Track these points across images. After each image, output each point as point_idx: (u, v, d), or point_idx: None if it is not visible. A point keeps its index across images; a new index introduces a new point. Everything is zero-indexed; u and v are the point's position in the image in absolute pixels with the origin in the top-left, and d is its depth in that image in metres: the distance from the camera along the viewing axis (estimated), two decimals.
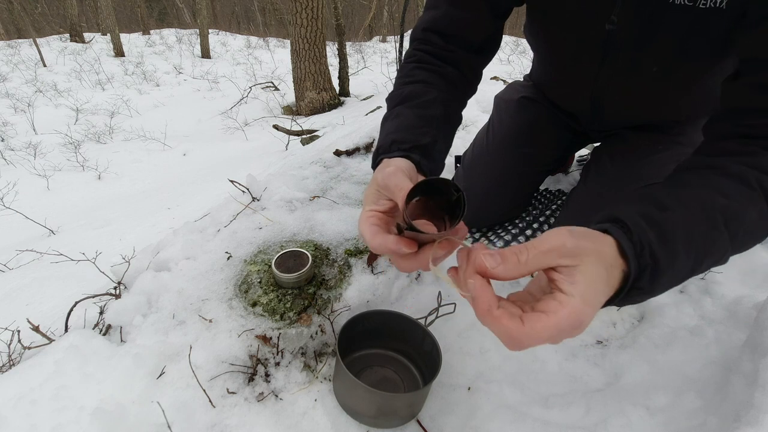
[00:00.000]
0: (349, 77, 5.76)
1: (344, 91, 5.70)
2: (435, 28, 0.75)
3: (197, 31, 11.28)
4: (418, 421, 0.71)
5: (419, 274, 0.94)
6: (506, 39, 10.52)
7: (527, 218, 1.17)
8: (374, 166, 0.66)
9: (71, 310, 0.84)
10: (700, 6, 0.58)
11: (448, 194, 0.47)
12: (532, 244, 0.41)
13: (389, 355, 0.81)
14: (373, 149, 0.71)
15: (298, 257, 0.85)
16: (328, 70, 5.25)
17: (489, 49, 0.80)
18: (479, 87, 0.84)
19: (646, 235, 0.44)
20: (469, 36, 0.76)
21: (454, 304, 0.81)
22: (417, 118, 0.70)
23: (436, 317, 0.78)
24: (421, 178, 0.60)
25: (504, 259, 0.40)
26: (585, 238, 0.42)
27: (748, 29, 0.56)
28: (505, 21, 0.79)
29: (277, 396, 0.69)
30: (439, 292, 0.82)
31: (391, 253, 0.48)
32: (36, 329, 0.79)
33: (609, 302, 0.44)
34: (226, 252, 0.92)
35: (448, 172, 1.35)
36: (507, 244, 1.08)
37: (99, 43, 11.23)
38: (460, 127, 1.85)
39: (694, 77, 0.74)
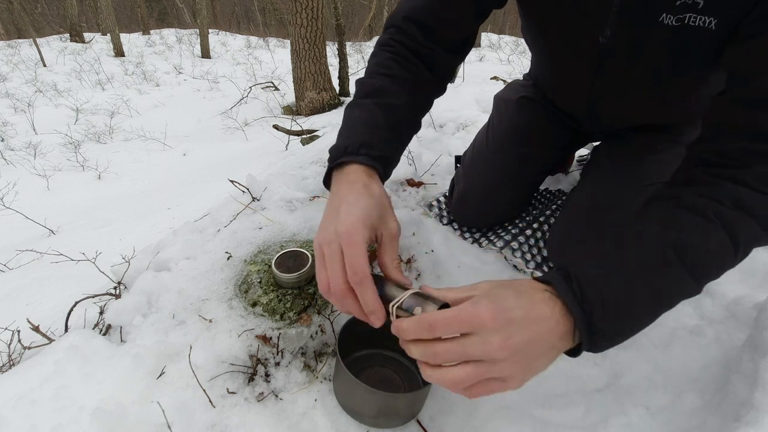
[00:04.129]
0: (349, 77, 5.76)
1: (344, 91, 5.69)
2: (416, 19, 0.73)
3: (197, 31, 11.28)
4: (419, 421, 0.71)
5: (419, 274, 0.94)
6: (506, 39, 10.52)
7: (527, 218, 1.17)
8: (334, 165, 0.66)
9: (71, 310, 0.84)
10: (690, 24, 0.58)
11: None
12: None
13: (389, 355, 0.81)
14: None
15: (298, 257, 0.85)
16: (328, 70, 5.25)
17: (464, 49, 0.80)
18: (479, 87, 0.84)
19: (584, 274, 0.48)
20: (449, 33, 0.75)
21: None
22: (385, 121, 0.69)
23: None
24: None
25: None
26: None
27: (734, 45, 0.57)
28: (482, 23, 0.79)
29: (277, 396, 0.69)
30: None
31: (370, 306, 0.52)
32: (36, 329, 0.79)
33: (578, 349, 0.49)
34: (226, 252, 0.92)
35: (448, 172, 1.35)
36: (507, 244, 1.08)
37: (99, 43, 11.23)
38: (460, 126, 1.85)
39: (688, 87, 0.75)
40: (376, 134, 0.67)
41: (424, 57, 0.75)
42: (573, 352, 0.50)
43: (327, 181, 0.68)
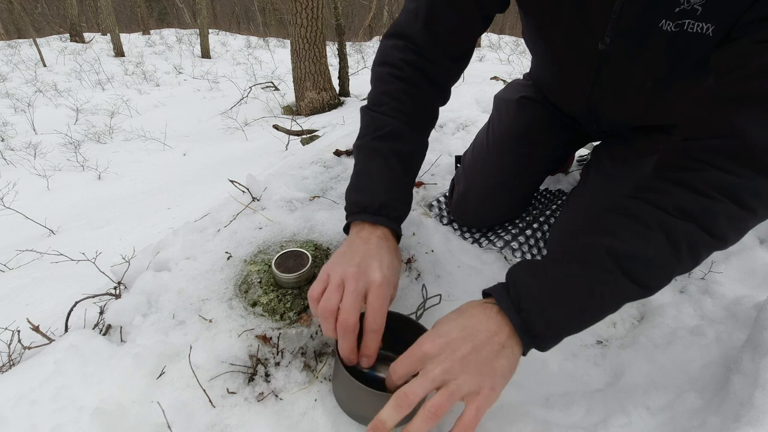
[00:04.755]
0: (349, 77, 5.77)
1: (344, 91, 5.70)
2: (427, 28, 0.73)
3: (197, 31, 11.29)
4: None
5: (419, 274, 0.94)
6: (506, 39, 10.53)
7: (527, 218, 1.17)
8: (351, 218, 0.70)
9: (71, 310, 0.84)
10: (688, 30, 0.59)
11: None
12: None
13: (389, 356, 0.81)
14: (350, 188, 0.75)
15: (298, 257, 0.85)
16: (328, 70, 5.25)
17: (467, 57, 0.81)
18: (479, 87, 0.85)
19: (521, 282, 0.54)
20: (456, 41, 0.76)
21: (439, 295, 0.81)
22: (404, 175, 0.74)
23: (424, 310, 0.79)
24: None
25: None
26: None
27: (721, 46, 0.58)
28: (486, 30, 0.79)
29: (277, 396, 0.69)
30: (423, 285, 0.83)
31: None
32: (36, 329, 0.79)
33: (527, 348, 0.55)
34: (226, 252, 0.92)
35: (448, 172, 1.35)
36: (507, 244, 1.08)
37: (99, 43, 11.23)
38: (461, 126, 1.85)
39: (688, 89, 0.75)
40: (396, 193, 0.72)
41: (432, 73, 0.75)
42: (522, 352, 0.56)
43: (347, 228, 0.73)
